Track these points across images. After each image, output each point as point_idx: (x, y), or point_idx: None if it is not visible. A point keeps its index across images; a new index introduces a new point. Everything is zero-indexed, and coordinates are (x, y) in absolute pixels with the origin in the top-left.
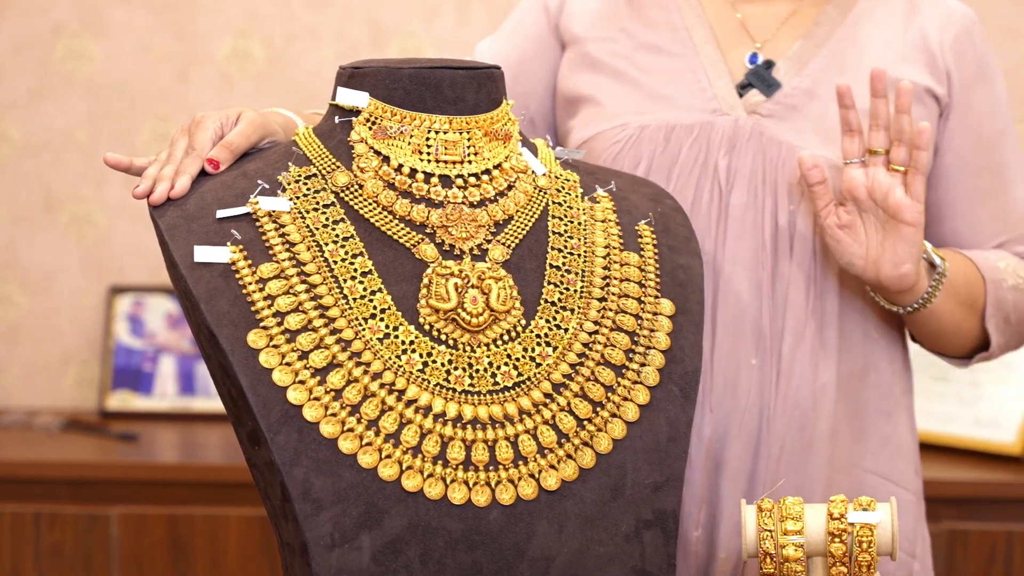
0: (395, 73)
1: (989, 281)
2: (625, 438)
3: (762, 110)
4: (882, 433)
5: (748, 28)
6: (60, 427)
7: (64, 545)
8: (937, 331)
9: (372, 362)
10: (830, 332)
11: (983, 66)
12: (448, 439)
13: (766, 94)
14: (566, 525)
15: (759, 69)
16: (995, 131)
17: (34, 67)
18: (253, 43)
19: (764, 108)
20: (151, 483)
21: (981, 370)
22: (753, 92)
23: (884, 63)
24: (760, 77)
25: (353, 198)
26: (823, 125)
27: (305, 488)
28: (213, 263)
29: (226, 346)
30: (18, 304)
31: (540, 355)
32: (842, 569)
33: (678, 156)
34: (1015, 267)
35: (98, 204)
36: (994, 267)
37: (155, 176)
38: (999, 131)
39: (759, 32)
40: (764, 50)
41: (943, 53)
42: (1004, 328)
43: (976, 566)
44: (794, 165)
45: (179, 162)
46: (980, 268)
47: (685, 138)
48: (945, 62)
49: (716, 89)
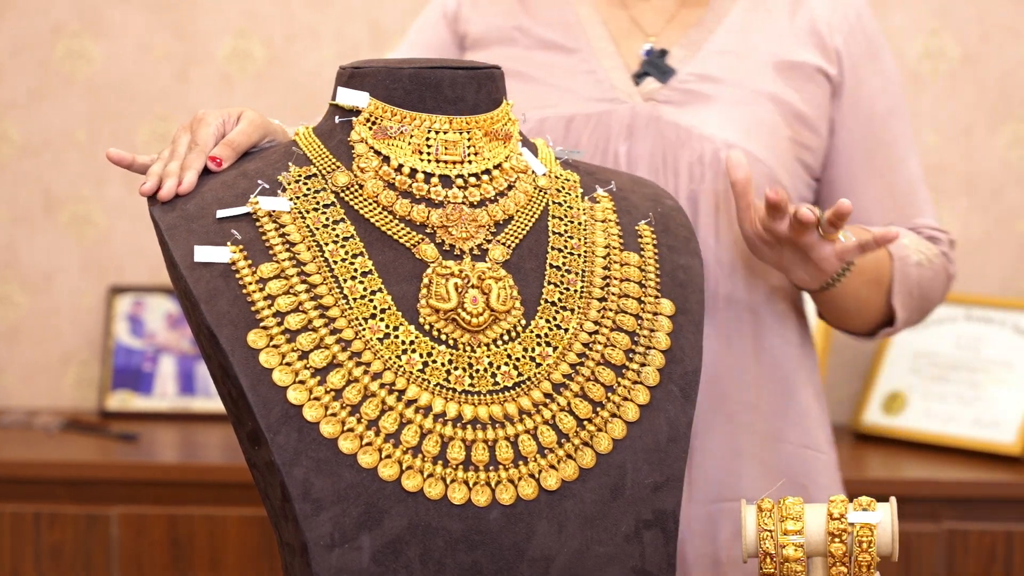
0: (395, 73)
1: (896, 258)
2: (625, 438)
3: (658, 96)
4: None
5: (640, 24)
6: (60, 427)
7: (64, 545)
8: (844, 309)
9: (372, 362)
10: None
11: (872, 45)
12: (448, 439)
13: (661, 81)
14: (566, 525)
15: (654, 58)
16: (886, 108)
17: (34, 67)
18: (253, 43)
19: (660, 94)
20: (151, 483)
21: (981, 370)
22: (649, 80)
23: (774, 46)
24: (655, 65)
25: (353, 198)
26: (717, 107)
27: (305, 488)
28: (213, 263)
29: (226, 346)
30: (18, 304)
31: (540, 355)
32: (842, 569)
33: (578, 145)
34: (917, 243)
35: (98, 204)
36: (900, 244)
37: (160, 173)
38: (890, 108)
39: (651, 27)
40: (657, 42)
41: (832, 34)
42: (908, 303)
43: (976, 566)
44: (693, 146)
45: (183, 158)
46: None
47: (584, 127)
48: (834, 43)
49: (613, 80)
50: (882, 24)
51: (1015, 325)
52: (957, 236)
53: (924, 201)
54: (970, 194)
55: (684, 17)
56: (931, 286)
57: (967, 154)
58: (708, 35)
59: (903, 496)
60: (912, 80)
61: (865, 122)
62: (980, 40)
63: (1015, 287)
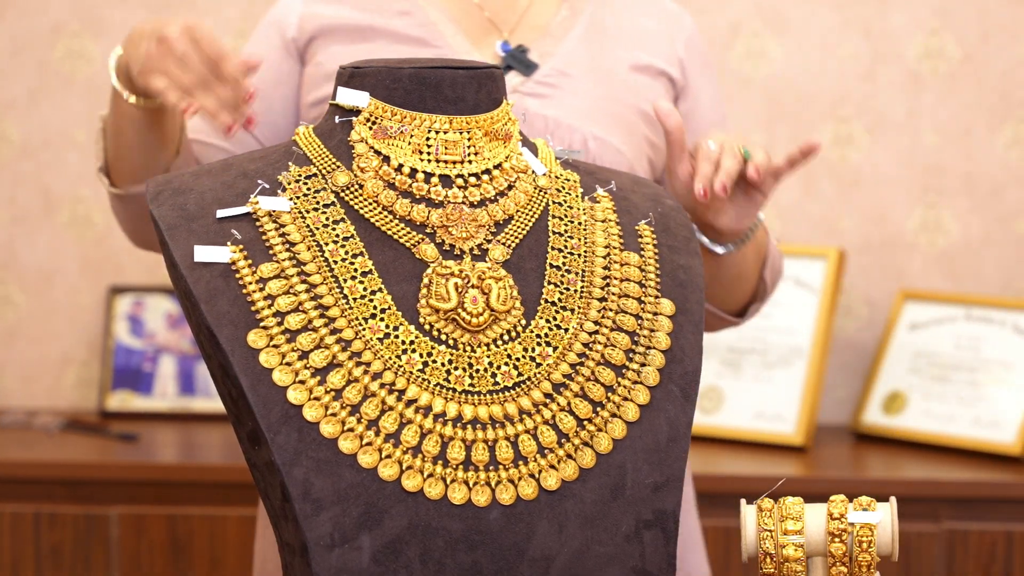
0: (395, 73)
1: (766, 230)
2: (625, 438)
3: (522, 89)
4: None
5: (494, 21)
6: (60, 427)
7: (64, 545)
8: (736, 276)
9: (372, 362)
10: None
11: (706, 58)
12: (448, 439)
13: (525, 75)
14: (566, 525)
15: (516, 53)
16: (719, 117)
17: (33, 67)
18: None
19: (524, 87)
20: (151, 483)
21: (981, 370)
22: (512, 74)
23: (627, 47)
24: (519, 60)
25: (353, 198)
26: (580, 100)
27: (305, 488)
28: (213, 263)
29: (226, 346)
30: (17, 304)
31: (540, 355)
32: (842, 569)
33: None
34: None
35: (97, 204)
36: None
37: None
38: (720, 120)
39: (504, 24)
40: (512, 39)
41: (674, 42)
42: (773, 277)
43: (976, 566)
44: (561, 136)
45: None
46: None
47: None
48: (676, 50)
49: None
50: (882, 24)
51: (1015, 325)
52: (957, 236)
53: None
54: (970, 194)
55: (536, 13)
56: (780, 264)
57: (967, 154)
58: (565, 33)
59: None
60: (912, 80)
61: (703, 127)
62: (980, 40)
63: (1015, 287)
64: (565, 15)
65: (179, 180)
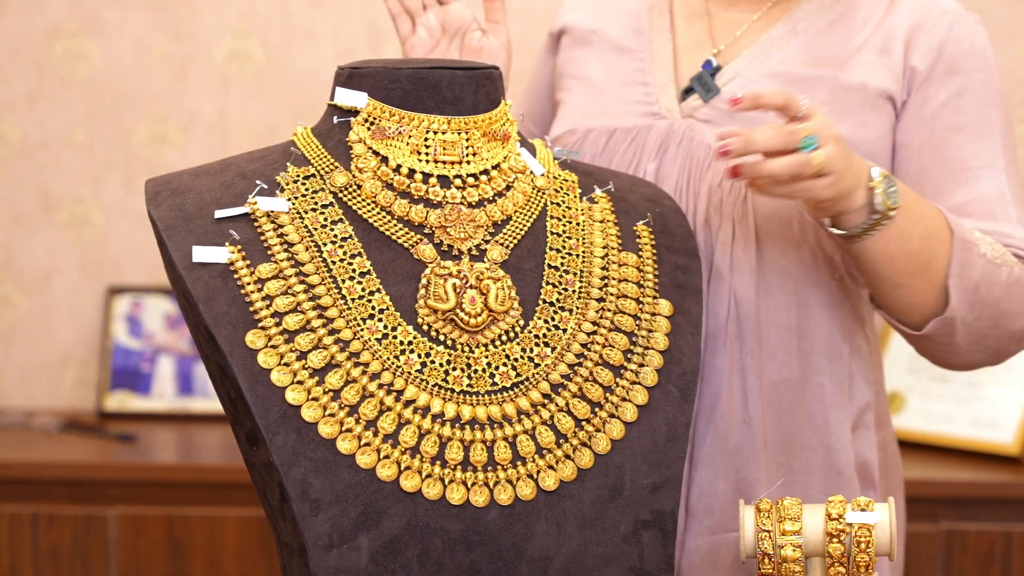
0: (393, 73)
1: (958, 239)
2: (623, 439)
3: (698, 115)
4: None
5: (713, 32)
6: (58, 427)
7: (62, 545)
8: (880, 277)
9: (370, 362)
10: (750, 342)
11: (956, 61)
12: (446, 439)
13: (704, 99)
14: (564, 525)
15: (703, 74)
16: (951, 125)
17: (32, 67)
18: (251, 44)
19: (700, 113)
20: (149, 484)
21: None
22: (694, 97)
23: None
24: (702, 82)
25: (351, 198)
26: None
27: (303, 488)
28: (211, 263)
29: (224, 346)
30: (16, 305)
31: (538, 355)
32: (840, 569)
33: (612, 160)
34: (992, 243)
35: (96, 205)
36: (969, 230)
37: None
38: (957, 125)
39: (723, 37)
40: (722, 55)
41: (910, 52)
42: (968, 296)
43: (974, 567)
44: (717, 168)
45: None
46: (951, 224)
47: (622, 141)
48: (911, 61)
49: (660, 94)
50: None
51: None
52: None
53: (1006, 217)
54: None
55: (757, 29)
56: (1001, 290)
57: None
58: (768, 54)
59: None
60: None
61: (924, 139)
62: None
63: None
64: (777, 34)
65: (177, 180)
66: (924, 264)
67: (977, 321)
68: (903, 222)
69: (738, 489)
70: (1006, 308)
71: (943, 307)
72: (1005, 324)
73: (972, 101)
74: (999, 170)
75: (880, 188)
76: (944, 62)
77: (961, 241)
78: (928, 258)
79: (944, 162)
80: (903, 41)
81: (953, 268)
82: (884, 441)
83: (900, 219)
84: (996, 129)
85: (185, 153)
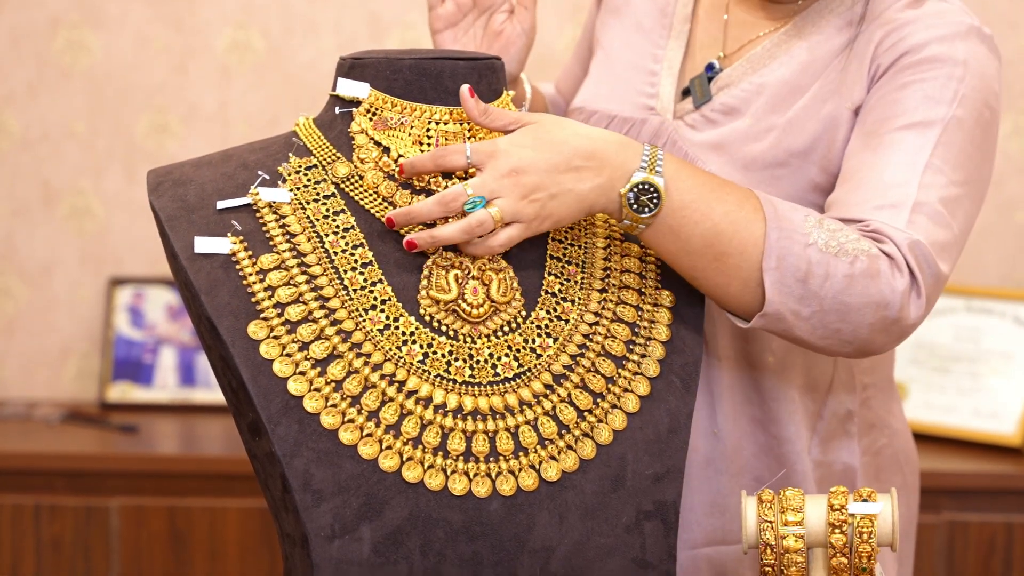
0: (395, 64)
1: (774, 229)
2: (625, 429)
3: (688, 118)
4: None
5: (727, 32)
6: (60, 419)
7: (64, 537)
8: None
9: (372, 353)
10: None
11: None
12: (448, 430)
13: (695, 104)
14: (567, 516)
15: (702, 77)
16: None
17: (33, 59)
18: (252, 35)
19: (690, 117)
20: (151, 475)
21: (981, 361)
22: (689, 98)
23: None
24: (699, 86)
25: (353, 189)
26: (728, 145)
27: (305, 479)
28: (213, 254)
29: (226, 337)
30: (17, 296)
31: (540, 346)
32: (843, 560)
33: None
34: (834, 232)
35: (97, 196)
36: (800, 219)
37: None
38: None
39: (736, 40)
40: (728, 59)
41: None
42: (795, 289)
43: (976, 557)
44: None
45: None
46: (767, 215)
47: (618, 131)
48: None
49: (660, 88)
50: None
51: (1015, 316)
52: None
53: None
54: None
55: (763, 38)
56: (840, 282)
57: None
58: (764, 64)
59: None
60: None
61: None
62: None
63: (1015, 278)
64: (776, 41)
65: (179, 171)
66: (715, 259)
67: (817, 315)
68: (674, 222)
69: (714, 503)
70: (848, 300)
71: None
72: (854, 318)
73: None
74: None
75: (630, 198)
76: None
77: (779, 232)
78: (719, 253)
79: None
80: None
81: (768, 261)
82: (875, 445)
83: (669, 220)
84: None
85: (186, 144)
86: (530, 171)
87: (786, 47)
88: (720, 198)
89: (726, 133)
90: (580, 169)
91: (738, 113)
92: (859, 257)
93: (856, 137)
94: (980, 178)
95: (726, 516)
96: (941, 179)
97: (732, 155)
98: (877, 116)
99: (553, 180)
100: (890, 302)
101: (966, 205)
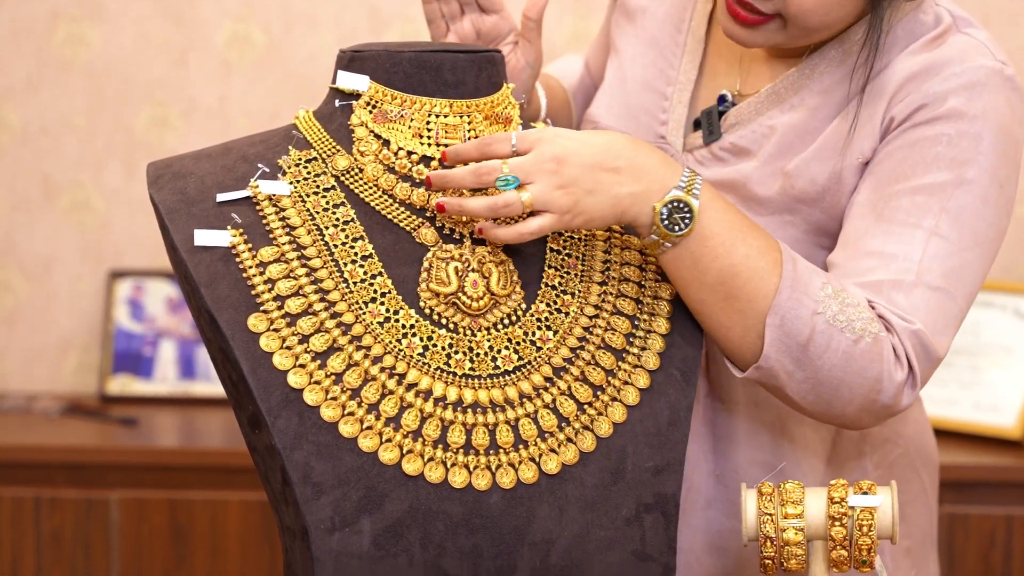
0: (395, 56)
1: (787, 288)
2: (625, 422)
3: (696, 154)
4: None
5: (743, 60)
6: (60, 411)
7: (64, 530)
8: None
9: (372, 346)
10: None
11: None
12: (448, 423)
13: (705, 141)
14: (567, 509)
15: (713, 111)
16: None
17: (33, 53)
18: (252, 29)
19: (698, 152)
20: (151, 467)
21: (981, 355)
22: (700, 133)
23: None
24: (710, 121)
25: (353, 182)
26: (735, 181)
27: (305, 472)
28: (213, 247)
29: (226, 330)
30: (17, 290)
31: (541, 339)
32: (843, 552)
33: None
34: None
35: (97, 190)
36: (818, 285)
37: None
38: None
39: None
40: (740, 95)
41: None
42: (794, 351)
43: (976, 550)
44: None
45: None
46: (785, 272)
47: None
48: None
49: (672, 114)
50: None
51: (1016, 309)
52: None
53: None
54: None
55: (774, 71)
56: (839, 358)
57: None
58: (775, 104)
59: None
60: None
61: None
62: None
63: (1016, 271)
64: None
65: (179, 164)
66: (724, 299)
67: (810, 381)
68: (697, 250)
69: (713, 544)
70: (842, 378)
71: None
72: (845, 394)
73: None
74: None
75: (663, 212)
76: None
77: (792, 291)
78: (729, 295)
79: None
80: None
81: (772, 318)
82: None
83: (692, 247)
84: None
85: (186, 138)
86: (572, 162)
87: (796, 88)
88: (746, 240)
89: (734, 173)
90: (620, 171)
91: (747, 154)
92: (863, 338)
93: (862, 191)
94: (994, 235)
95: (726, 558)
96: (946, 247)
97: (739, 195)
98: (885, 174)
99: (592, 176)
100: (884, 388)
101: (975, 266)
